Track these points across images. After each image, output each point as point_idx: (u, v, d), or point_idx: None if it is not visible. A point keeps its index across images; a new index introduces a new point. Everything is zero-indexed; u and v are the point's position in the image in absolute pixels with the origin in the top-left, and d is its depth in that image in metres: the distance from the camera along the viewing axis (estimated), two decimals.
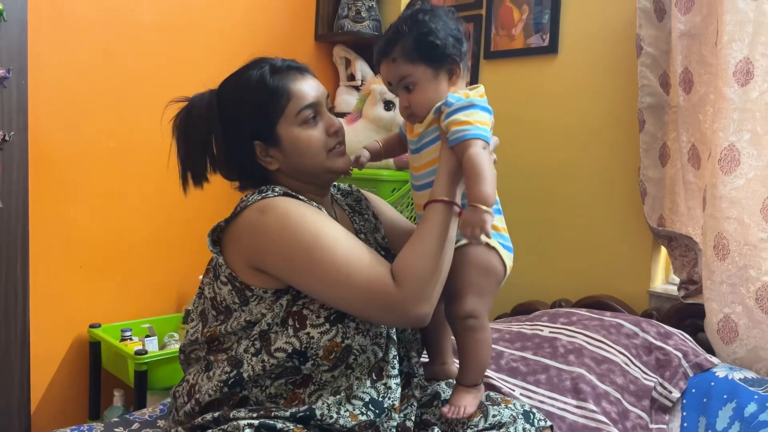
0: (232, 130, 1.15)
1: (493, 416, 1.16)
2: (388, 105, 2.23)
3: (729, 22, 1.62)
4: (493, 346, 1.70)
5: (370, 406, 1.09)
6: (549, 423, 1.22)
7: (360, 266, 1.03)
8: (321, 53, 2.67)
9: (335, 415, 1.05)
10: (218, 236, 1.11)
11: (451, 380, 1.31)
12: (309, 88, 1.14)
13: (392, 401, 1.11)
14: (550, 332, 1.70)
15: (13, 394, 1.91)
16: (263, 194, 1.08)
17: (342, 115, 2.45)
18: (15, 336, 1.90)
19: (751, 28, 1.61)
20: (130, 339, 2.00)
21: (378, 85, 2.24)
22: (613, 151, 2.07)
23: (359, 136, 2.20)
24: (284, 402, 1.07)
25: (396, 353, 1.16)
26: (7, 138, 1.81)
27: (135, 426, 1.40)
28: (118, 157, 2.09)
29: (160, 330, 2.10)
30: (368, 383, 1.10)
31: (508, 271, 1.17)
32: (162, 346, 2.03)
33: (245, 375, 1.06)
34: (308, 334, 1.05)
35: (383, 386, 1.11)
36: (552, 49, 2.19)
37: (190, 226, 2.24)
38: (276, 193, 1.09)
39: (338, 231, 1.06)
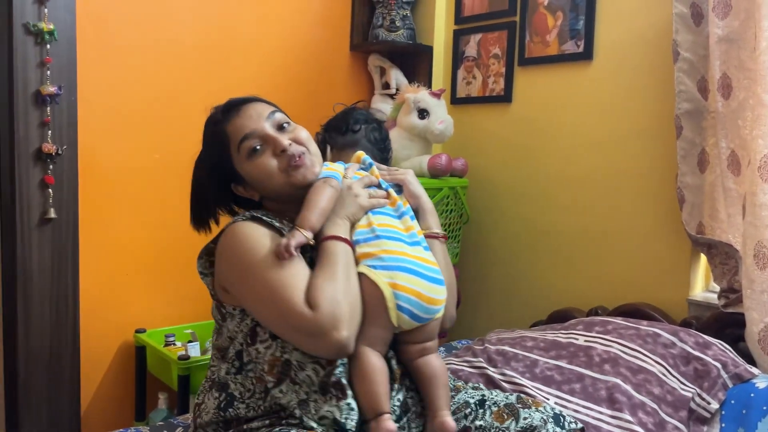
0: (212, 180, 1.25)
1: (524, 419, 1.16)
2: (422, 114, 2.25)
3: (767, 28, 1.60)
4: (528, 354, 1.70)
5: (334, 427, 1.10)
6: (580, 425, 1.21)
7: (288, 293, 1.06)
8: (356, 63, 2.70)
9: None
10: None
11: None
12: (245, 120, 1.18)
13: (354, 422, 1.10)
14: (585, 341, 1.70)
15: (64, 395, 2.00)
16: (235, 219, 1.17)
17: None
18: (66, 340, 1.99)
19: None
20: (174, 344, 2.07)
21: (412, 94, 2.27)
22: (650, 157, 2.05)
23: (394, 144, 2.21)
24: (284, 414, 1.12)
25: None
26: (59, 152, 1.90)
27: (178, 430, 1.47)
28: (161, 169, 2.17)
29: (202, 335, 2.16)
30: (326, 402, 1.10)
31: (383, 286, 1.11)
32: (204, 351, 2.09)
33: (236, 393, 1.14)
34: (256, 349, 1.13)
35: (346, 406, 1.10)
36: (587, 55, 2.18)
37: None
38: (244, 218, 1.16)
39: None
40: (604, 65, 2.15)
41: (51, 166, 1.89)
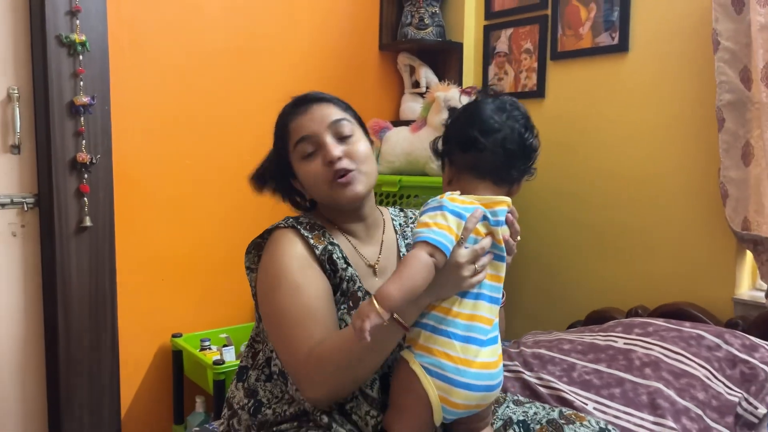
0: (275, 168, 1.24)
1: None
2: (453, 112, 2.21)
3: None
4: (565, 357, 1.66)
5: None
6: None
7: (296, 324, 1.05)
8: (385, 62, 2.68)
9: None
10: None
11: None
12: (306, 121, 1.16)
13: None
14: (625, 344, 1.65)
15: (104, 401, 2.04)
16: (279, 223, 1.17)
17: (407, 122, 2.46)
18: (105, 347, 2.02)
19: None
20: (209, 348, 2.09)
21: (442, 93, 2.23)
22: (690, 151, 1.98)
23: (424, 143, 2.20)
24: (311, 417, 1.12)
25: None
26: (93, 161, 1.93)
27: None
28: (193, 175, 2.18)
29: (237, 339, 2.18)
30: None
31: (433, 399, 1.00)
32: (239, 355, 2.11)
33: (263, 399, 1.16)
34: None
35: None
36: (622, 47, 2.11)
37: None
38: (287, 224, 1.16)
39: (304, 284, 1.08)
40: (640, 57, 2.08)
41: (86, 175, 1.92)
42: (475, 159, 1.05)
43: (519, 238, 1.08)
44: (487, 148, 1.04)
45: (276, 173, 1.24)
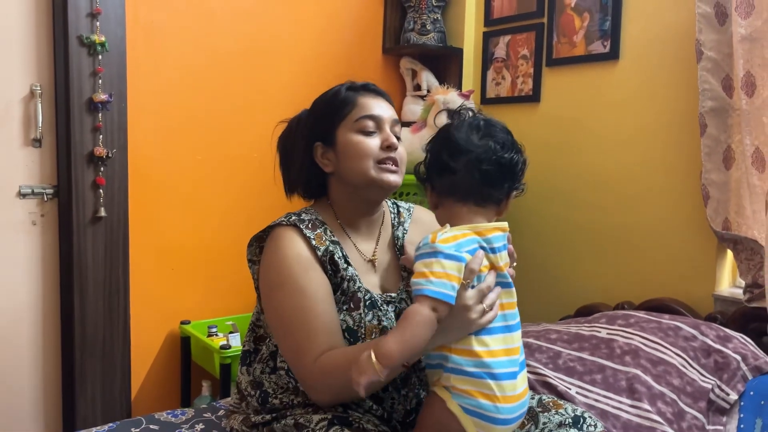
0: (303, 132, 1.27)
1: (543, 423, 1.17)
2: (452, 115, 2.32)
3: None
4: (551, 346, 1.76)
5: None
6: (600, 429, 1.19)
7: (301, 331, 1.10)
8: (388, 65, 2.79)
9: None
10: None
11: None
12: (375, 104, 1.23)
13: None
14: (608, 334, 1.75)
15: (116, 382, 2.14)
16: (281, 220, 1.20)
17: (408, 124, 2.56)
18: (118, 331, 2.13)
19: None
20: (216, 335, 2.19)
21: (441, 96, 2.34)
22: (675, 155, 2.08)
23: (424, 144, 2.30)
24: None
25: None
26: (110, 155, 2.04)
27: (221, 412, 1.58)
28: (203, 170, 2.29)
29: (242, 327, 2.28)
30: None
31: None
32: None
33: (269, 390, 1.22)
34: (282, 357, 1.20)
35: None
36: (613, 55, 2.21)
37: None
38: (289, 222, 1.18)
39: (308, 287, 1.12)
40: (629, 65, 2.18)
41: (102, 168, 2.03)
42: (451, 182, 1.04)
43: (516, 263, 1.11)
44: (458, 170, 1.02)
45: (303, 137, 1.26)
